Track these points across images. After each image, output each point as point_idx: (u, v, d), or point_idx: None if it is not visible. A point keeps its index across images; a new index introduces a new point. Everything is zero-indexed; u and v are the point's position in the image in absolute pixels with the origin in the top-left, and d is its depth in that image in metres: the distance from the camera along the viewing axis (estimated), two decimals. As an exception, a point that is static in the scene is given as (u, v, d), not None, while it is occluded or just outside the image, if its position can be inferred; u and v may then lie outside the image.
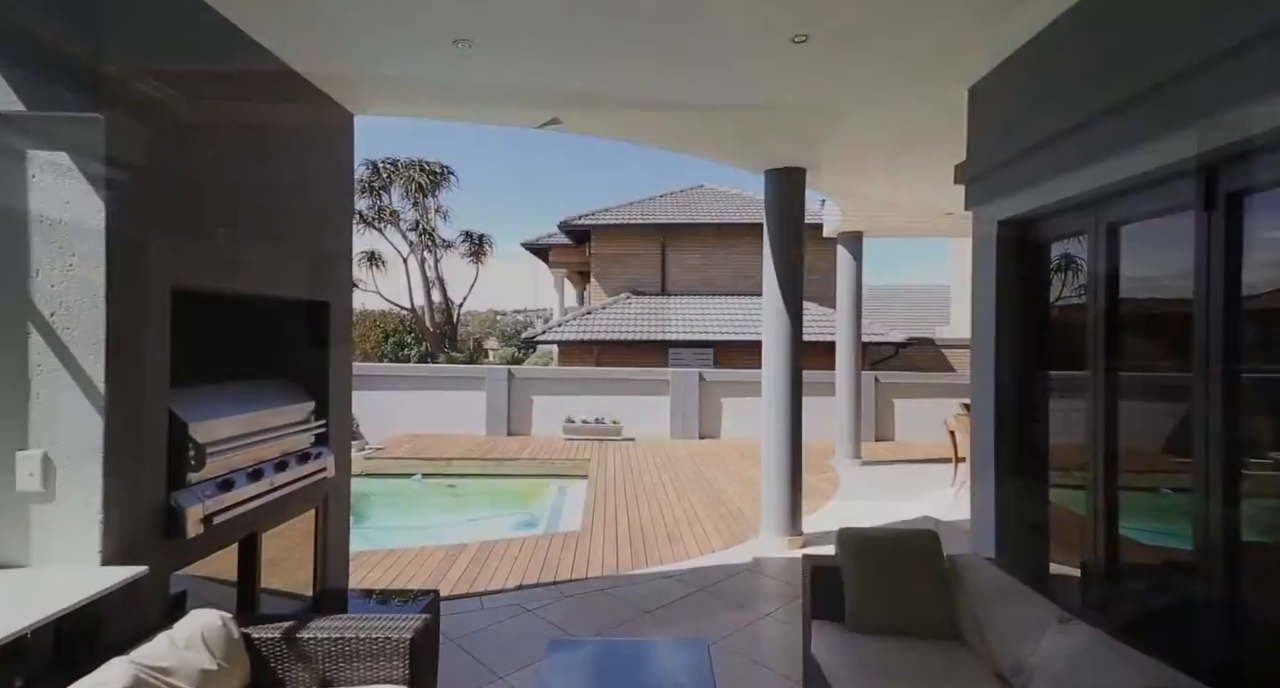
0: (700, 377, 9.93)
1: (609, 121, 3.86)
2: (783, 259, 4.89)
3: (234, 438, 2.39)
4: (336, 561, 3.23)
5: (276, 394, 2.81)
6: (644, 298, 14.16)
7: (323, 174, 3.09)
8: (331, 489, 3.16)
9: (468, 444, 8.91)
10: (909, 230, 8.32)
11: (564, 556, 4.54)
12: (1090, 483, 2.35)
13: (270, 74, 2.69)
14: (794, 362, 4.84)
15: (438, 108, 3.55)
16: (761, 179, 4.99)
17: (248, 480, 2.46)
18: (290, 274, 2.77)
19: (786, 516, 4.82)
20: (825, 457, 8.50)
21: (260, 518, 2.57)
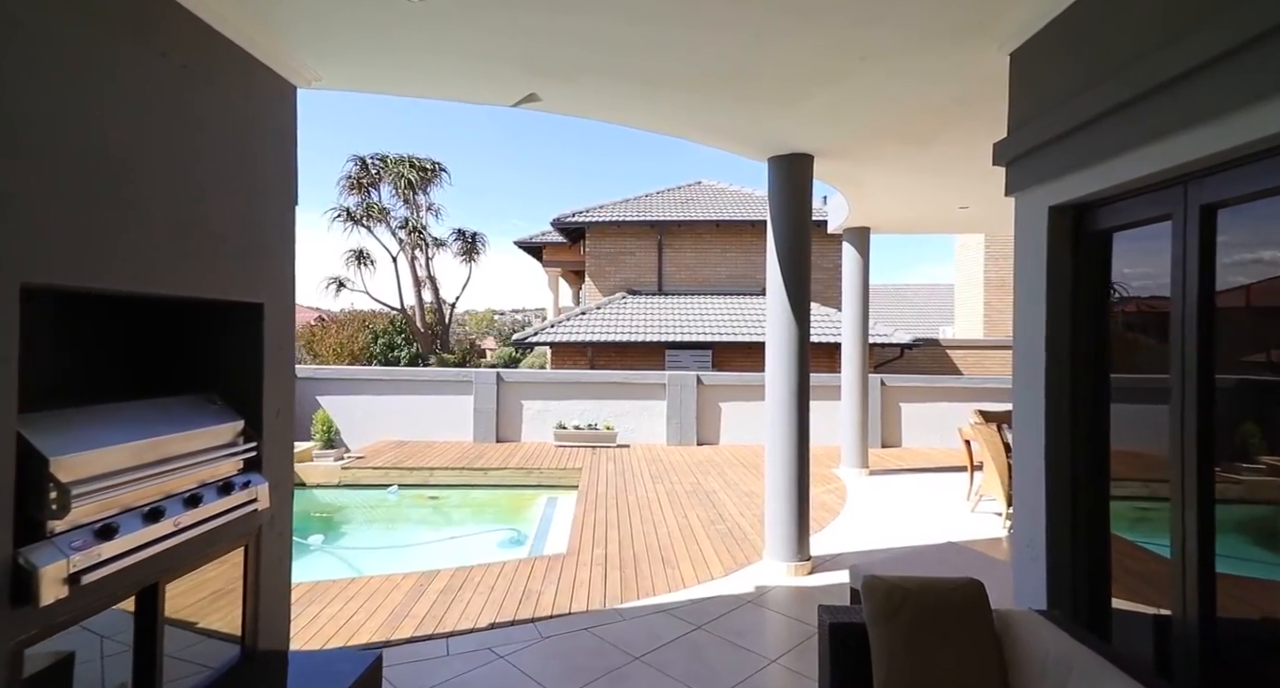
0: (698, 380, 9.49)
1: (596, 100, 3.41)
2: (788, 254, 4.44)
3: (120, 472, 1.93)
4: (273, 606, 2.77)
5: (189, 413, 2.35)
6: (640, 297, 13.72)
7: (256, 156, 2.63)
8: (267, 522, 2.71)
9: (454, 452, 8.46)
10: (920, 226, 7.88)
11: (545, 584, 4.08)
12: (1175, 511, 1.91)
13: (187, 36, 2.24)
14: (801, 365, 4.40)
15: (396, 80, 3.09)
16: (764, 171, 4.56)
17: (142, 522, 2.00)
18: (209, 271, 2.32)
19: (792, 538, 4.37)
20: (830, 464, 8.07)
21: (162, 566, 2.12)
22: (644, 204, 14.93)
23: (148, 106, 2.12)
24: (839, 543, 5.07)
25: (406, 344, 16.41)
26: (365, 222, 16.72)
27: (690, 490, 6.72)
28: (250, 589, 2.64)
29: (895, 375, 9.94)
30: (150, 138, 2.06)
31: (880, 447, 9.41)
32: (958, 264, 16.87)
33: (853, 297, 7.87)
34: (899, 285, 27.21)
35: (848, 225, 7.69)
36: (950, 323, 19.78)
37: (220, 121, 2.41)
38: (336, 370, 9.75)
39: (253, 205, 2.59)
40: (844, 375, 7.89)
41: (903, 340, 12.88)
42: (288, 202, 2.86)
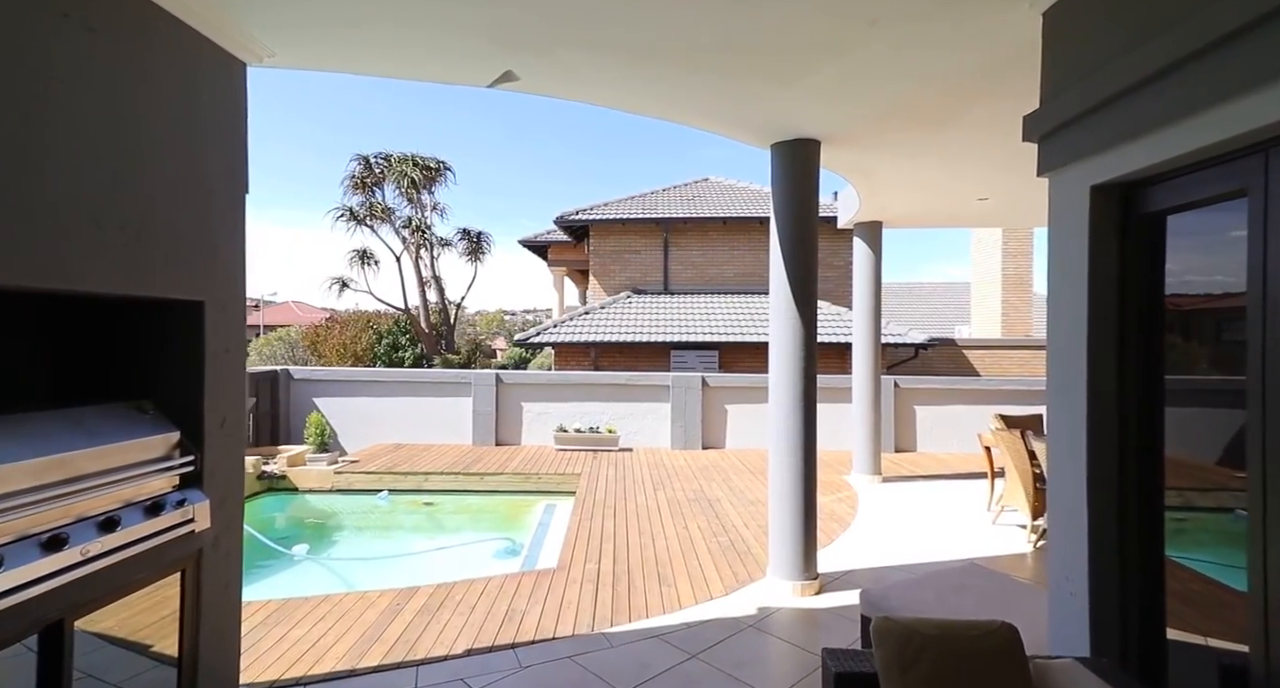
0: (703, 381, 9.17)
1: (577, 78, 3.11)
2: (793, 248, 4.12)
3: (9, 494, 1.67)
4: (219, 638, 2.51)
5: (110, 425, 2.09)
6: (645, 297, 13.42)
7: (199, 140, 2.38)
8: (209, 544, 2.44)
9: (451, 456, 8.21)
10: (935, 220, 7.51)
11: (531, 604, 3.80)
12: (1254, 533, 1.58)
13: (126, 12, 1.99)
14: (807, 366, 4.07)
15: (357, 57, 2.82)
16: (770, 161, 4.24)
17: (40, 552, 1.74)
18: (130, 266, 2.05)
19: (798, 554, 4.05)
20: (840, 470, 7.72)
21: (68, 601, 1.85)
22: (649, 201, 14.63)
23: (105, 108, 1.87)
24: (850, 558, 4.73)
25: (411, 345, 16.24)
26: (369, 221, 16.58)
27: (692, 498, 6.41)
28: (189, 621, 2.37)
29: (909, 377, 9.56)
30: (93, 135, 1.81)
31: (894, 452, 9.04)
32: (974, 262, 16.39)
33: (864, 294, 7.52)
34: (913, 283, 26.66)
35: (858, 220, 7.34)
36: (966, 322, 19.29)
37: (149, 99, 2.15)
38: (333, 372, 9.55)
39: (188, 193, 2.32)
40: (855, 377, 7.54)
41: (917, 340, 12.47)
42: (235, 191, 2.59)
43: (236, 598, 2.65)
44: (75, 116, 1.85)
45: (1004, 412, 6.70)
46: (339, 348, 14.85)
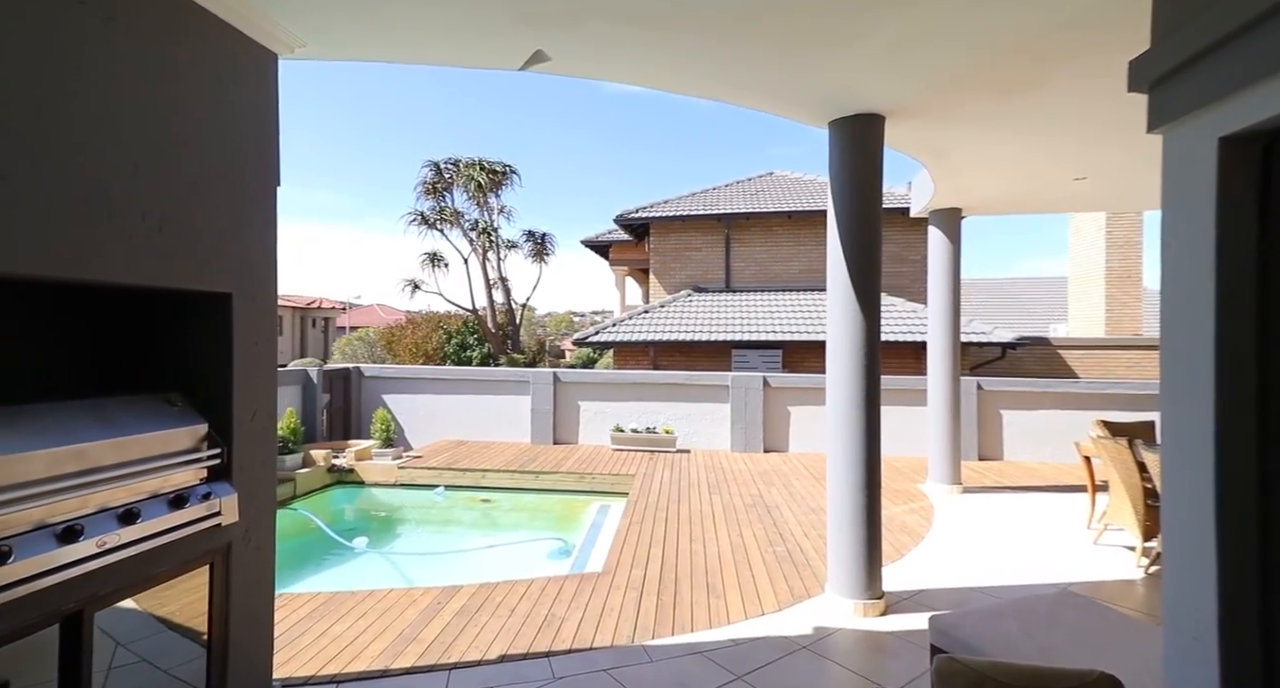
0: (764, 381, 8.78)
1: (608, 55, 2.93)
2: (853, 236, 3.76)
3: (21, 484, 1.68)
4: (250, 633, 2.51)
5: (135, 416, 2.10)
6: (706, 295, 13.12)
7: (229, 131, 2.38)
8: (239, 538, 2.44)
9: (510, 453, 8.27)
10: (1023, 205, 6.79)
11: (571, 610, 3.65)
12: None
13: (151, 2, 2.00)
14: (868, 365, 3.71)
15: (387, 43, 2.76)
16: (828, 140, 3.90)
17: (55, 543, 1.75)
18: (159, 256, 2.06)
19: (860, 569, 3.69)
20: (914, 478, 7.15)
21: (85, 592, 1.86)
22: (710, 198, 14.31)
23: (135, 102, 1.88)
24: (921, 576, 4.29)
25: (478, 345, 16.69)
26: (439, 225, 17.21)
27: (750, 504, 6.09)
28: (218, 615, 2.37)
29: (995, 379, 8.75)
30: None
31: (976, 460, 8.30)
32: (1072, 253, 14.93)
33: (941, 288, 6.91)
34: (1000, 280, 24.75)
35: (934, 207, 6.76)
36: (1063, 320, 17.67)
37: (176, 90, 2.15)
38: (399, 369, 9.88)
39: (216, 185, 2.32)
40: (930, 378, 6.94)
41: (1004, 339, 11.47)
42: (266, 183, 2.59)
43: (269, 592, 2.64)
44: (93, 106, 1.86)
45: (1107, 418, 5.95)
46: (411, 347, 15.48)
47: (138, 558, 2.00)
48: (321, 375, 8.75)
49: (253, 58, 2.51)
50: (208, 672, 2.34)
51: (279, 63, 2.65)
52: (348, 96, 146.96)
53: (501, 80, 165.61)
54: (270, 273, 2.61)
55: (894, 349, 11.86)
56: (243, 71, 2.46)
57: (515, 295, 18.89)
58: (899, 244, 13.42)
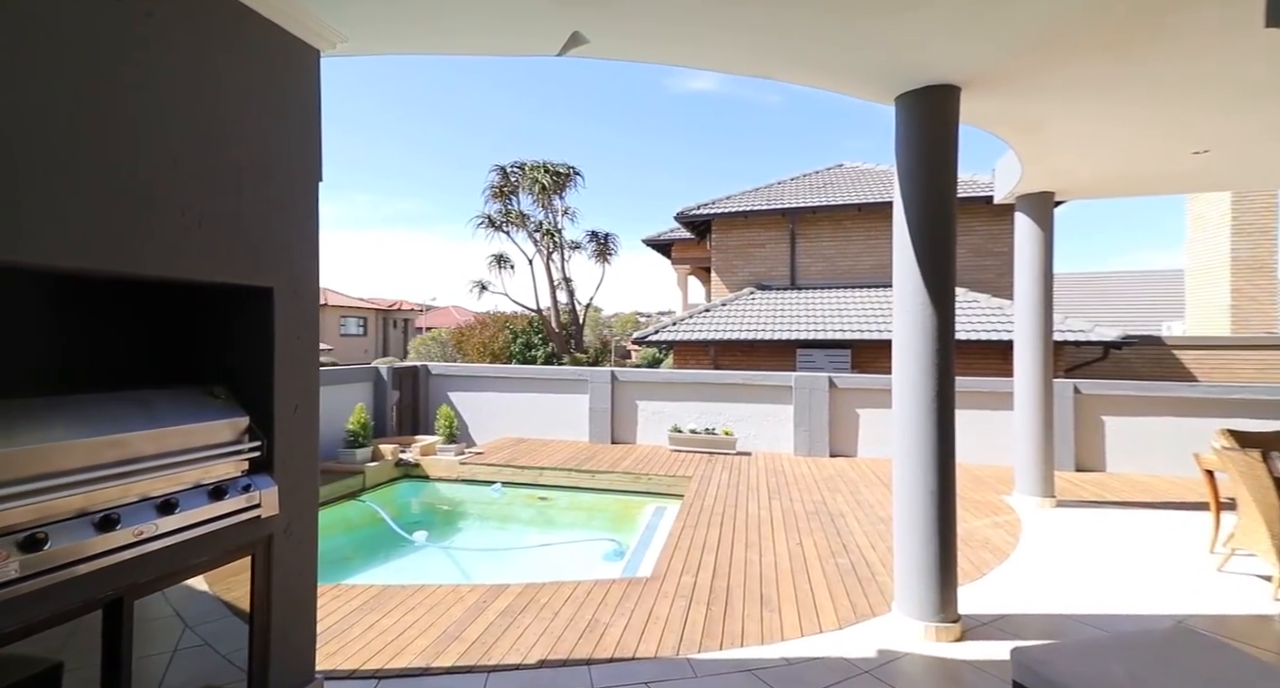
0: (830, 382, 8.35)
1: (653, 34, 2.77)
2: (924, 223, 3.41)
3: (60, 473, 1.71)
4: (292, 625, 2.53)
5: (178, 407, 2.14)
6: (770, 293, 12.70)
7: (270, 127, 2.40)
8: (281, 530, 2.46)
9: (568, 452, 8.28)
10: (1129, 186, 6.05)
11: (616, 616, 3.52)
12: None
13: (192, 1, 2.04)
14: (940, 364, 3.35)
15: (425, 32, 2.73)
16: (894, 118, 3.56)
17: (93, 531, 1.78)
18: (198, 250, 2.08)
19: (932, 588, 3.34)
20: (999, 488, 6.55)
21: (125, 580, 1.89)
22: (775, 192, 13.85)
23: (173, 101, 1.92)
24: (1004, 599, 3.86)
25: (542, 344, 16.97)
26: (504, 227, 17.64)
27: (812, 511, 5.75)
28: (259, 607, 2.40)
29: (1095, 381, 7.92)
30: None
31: (1073, 470, 7.53)
32: (1190, 243, 13.38)
33: (1030, 281, 6.28)
34: (1103, 273, 22.62)
35: (1021, 192, 6.16)
36: (1178, 317, 15.90)
37: (216, 86, 2.17)
38: (463, 367, 10.13)
39: (257, 180, 2.34)
40: (1018, 380, 6.33)
41: (1106, 338, 10.40)
42: (308, 178, 2.60)
43: (311, 585, 2.66)
44: (130, 101, 1.89)
45: (1233, 426, 5.20)
46: (479, 346, 15.95)
47: (177, 548, 2.03)
48: (391, 373, 9.09)
49: (294, 54, 2.52)
50: (250, 661, 2.37)
51: (321, 59, 2.66)
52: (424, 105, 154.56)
53: (569, 85, 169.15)
54: (312, 268, 2.62)
55: (977, 349, 11.04)
56: (284, 68, 2.48)
57: (579, 295, 19.11)
58: (981, 236, 12.49)
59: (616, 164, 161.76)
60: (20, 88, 1.60)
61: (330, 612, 3.51)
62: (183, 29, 2.06)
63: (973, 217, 12.76)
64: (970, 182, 13.25)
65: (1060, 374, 10.94)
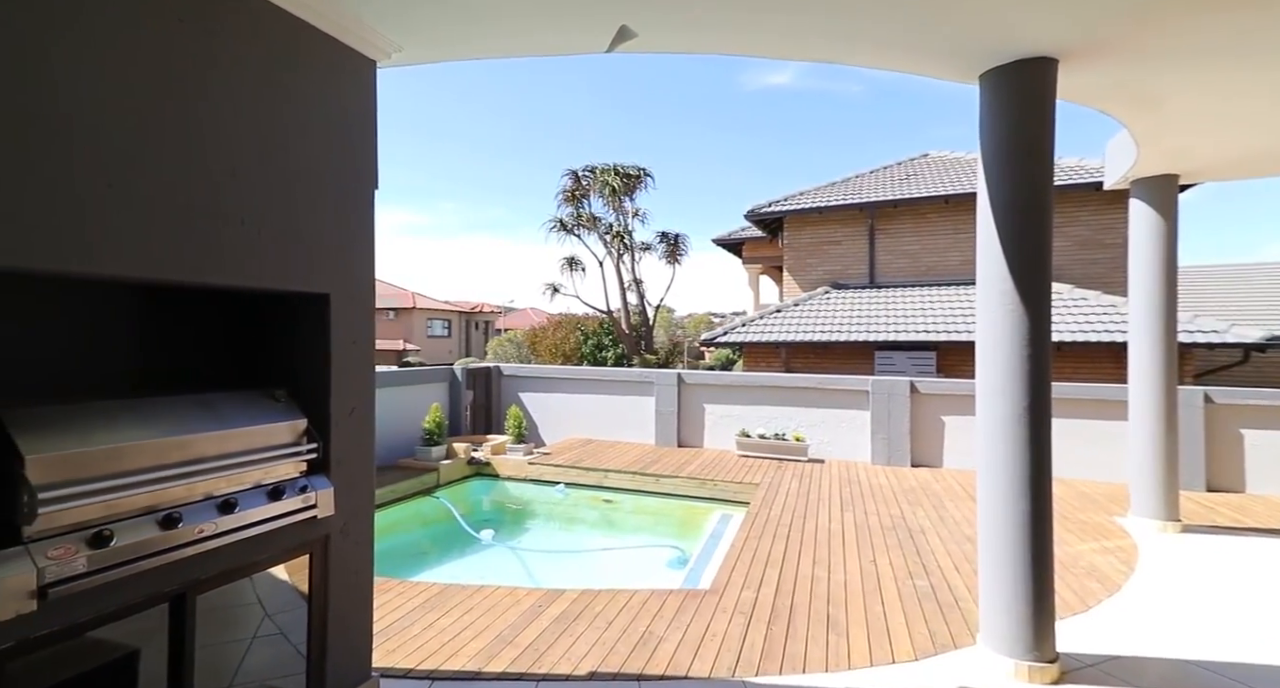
0: (911, 386, 7.81)
1: (702, 21, 2.63)
2: (1013, 212, 3.06)
3: (122, 472, 1.81)
4: (350, 623, 2.59)
5: (241, 410, 2.23)
6: (846, 292, 12.11)
7: (328, 138, 2.48)
8: (338, 530, 2.53)
9: (633, 454, 8.23)
10: (1269, 166, 5.22)
11: (671, 629, 3.39)
12: None
13: (248, 16, 2.13)
14: (1033, 368, 2.98)
15: (471, 38, 2.73)
16: (978, 99, 3.22)
17: (157, 528, 1.88)
18: (255, 258, 2.17)
19: (1024, 619, 2.98)
20: (1111, 509, 5.87)
21: (188, 577, 1.98)
22: (852, 186, 13.20)
23: (236, 116, 2.01)
24: (1114, 638, 3.40)
25: (613, 346, 17.10)
26: (576, 230, 17.92)
27: (889, 525, 5.37)
28: (316, 605, 2.47)
29: (1232, 389, 6.93)
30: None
31: (1204, 491, 6.62)
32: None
33: (1148, 275, 5.56)
34: (1245, 266, 19.90)
35: (1137, 176, 5.47)
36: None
37: (275, 100, 2.26)
38: (533, 368, 10.34)
39: (314, 189, 2.41)
40: (1132, 386, 5.63)
41: (1246, 339, 9.12)
42: (364, 187, 2.67)
43: (368, 585, 2.72)
44: (198, 118, 1.98)
45: None
46: (551, 348, 16.30)
47: (236, 546, 2.11)
48: (465, 373, 9.41)
49: (351, 65, 2.59)
50: (308, 657, 2.45)
51: (377, 69, 2.73)
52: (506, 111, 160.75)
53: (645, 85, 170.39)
54: (368, 274, 2.68)
55: (1086, 352, 10.02)
56: (341, 80, 2.55)
57: (649, 297, 19.10)
58: (1089, 226, 11.34)
59: (691, 164, 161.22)
60: (98, 108, 1.70)
61: (393, 608, 3.61)
62: (244, 46, 2.14)
63: (1078, 205, 11.59)
64: (1077, 167, 12.06)
65: (1188, 381, 9.71)
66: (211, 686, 2.14)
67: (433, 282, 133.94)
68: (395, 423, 7.85)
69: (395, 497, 6.69)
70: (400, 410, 7.98)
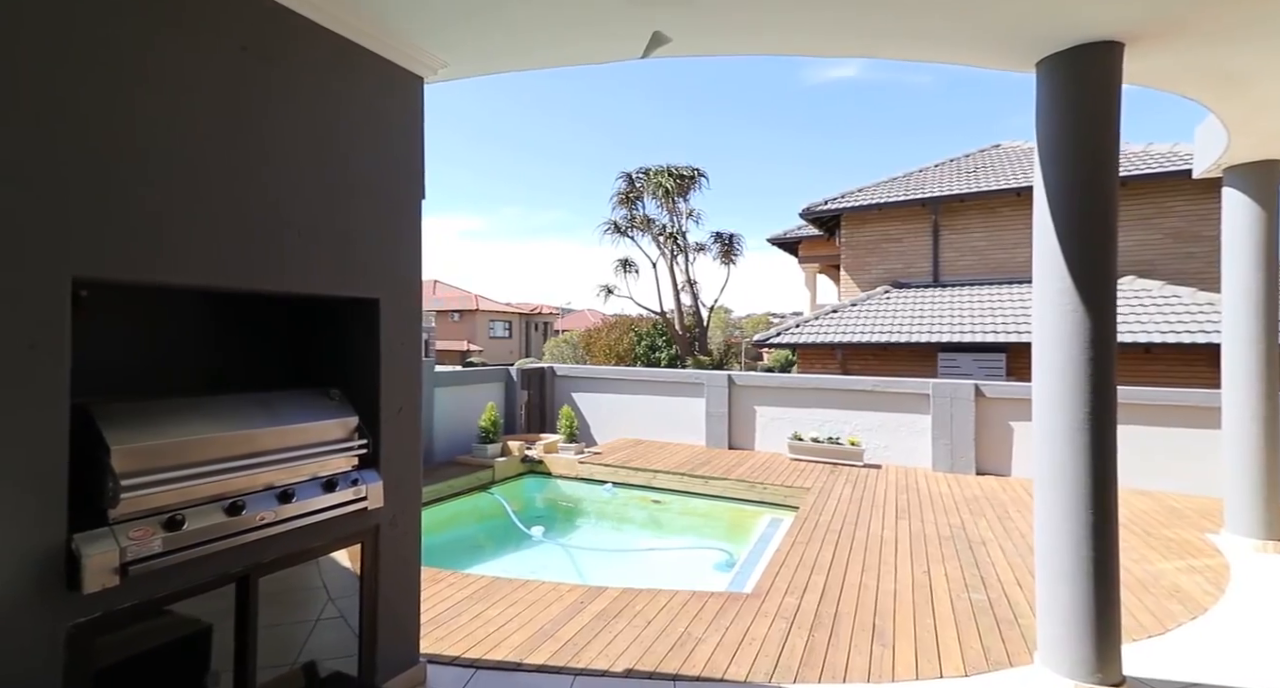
0: (976, 390, 7.43)
1: (742, 24, 2.62)
2: (1072, 208, 2.87)
3: (193, 463, 2.00)
4: (398, 609, 2.75)
5: (298, 407, 2.41)
6: (908, 291, 11.65)
7: (378, 152, 2.64)
8: (387, 522, 2.69)
9: (683, 456, 8.24)
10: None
11: (710, 631, 3.39)
12: None
13: (305, 41, 2.31)
14: (1094, 372, 2.79)
15: (512, 51, 2.83)
16: (1035, 88, 3.04)
17: (223, 515, 2.06)
18: (308, 266, 2.34)
19: (1085, 637, 2.79)
20: (1202, 525, 5.40)
21: (251, 560, 2.17)
22: (915, 181, 12.66)
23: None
24: (1194, 664, 3.13)
25: (666, 347, 17.13)
26: (629, 232, 18.06)
27: (946, 535, 5.14)
28: (368, 591, 2.63)
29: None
30: (280, 156, 2.15)
31: (1311, 506, 5.95)
32: None
33: (1245, 270, 5.08)
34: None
35: (1230, 163, 5.01)
36: None
37: (330, 120, 2.43)
38: (585, 369, 10.50)
39: (365, 200, 2.57)
40: (1225, 391, 5.15)
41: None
42: (412, 196, 2.82)
43: (415, 574, 2.87)
44: (254, 137, 2.16)
45: None
46: (605, 348, 16.51)
47: (294, 533, 2.28)
48: (520, 374, 9.69)
49: (400, 83, 2.75)
50: (359, 641, 2.61)
51: (424, 85, 2.87)
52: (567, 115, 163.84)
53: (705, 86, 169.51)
54: (415, 279, 2.83)
55: (1181, 355, 9.27)
56: (391, 97, 2.71)
57: (703, 298, 19.00)
58: (1183, 217, 10.46)
59: (751, 162, 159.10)
60: (171, 138, 1.90)
61: (444, 598, 3.78)
62: (300, 68, 2.32)
63: (1170, 194, 10.69)
64: (1168, 153, 11.13)
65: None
66: (279, 661, 2.34)
67: (495, 284, 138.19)
68: (454, 421, 8.18)
69: (453, 492, 6.97)
70: (459, 409, 8.31)
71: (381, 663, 2.67)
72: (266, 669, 2.24)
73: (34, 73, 1.62)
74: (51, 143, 1.65)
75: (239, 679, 2.14)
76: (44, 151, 1.63)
